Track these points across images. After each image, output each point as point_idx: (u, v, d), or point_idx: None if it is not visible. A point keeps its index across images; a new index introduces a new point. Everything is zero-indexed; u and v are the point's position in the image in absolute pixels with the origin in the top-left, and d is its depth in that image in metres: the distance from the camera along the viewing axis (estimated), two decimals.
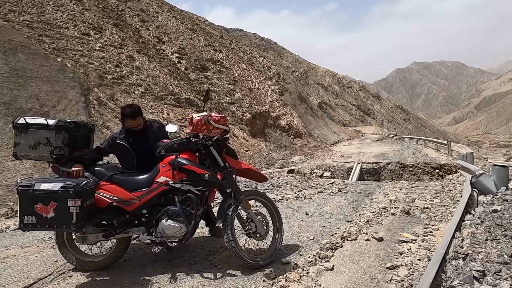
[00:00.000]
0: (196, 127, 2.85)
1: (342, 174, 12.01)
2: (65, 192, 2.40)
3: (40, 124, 2.70)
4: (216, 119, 2.91)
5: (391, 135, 38.28)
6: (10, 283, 2.77)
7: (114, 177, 2.84)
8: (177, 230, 2.76)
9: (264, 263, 2.92)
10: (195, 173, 2.78)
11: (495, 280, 2.37)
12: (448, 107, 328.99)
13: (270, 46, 77.94)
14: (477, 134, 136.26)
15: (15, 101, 8.99)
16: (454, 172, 10.05)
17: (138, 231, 2.87)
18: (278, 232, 3.15)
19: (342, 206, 5.23)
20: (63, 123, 2.76)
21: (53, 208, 2.41)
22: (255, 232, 2.97)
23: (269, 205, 3.18)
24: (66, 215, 2.41)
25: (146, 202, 2.81)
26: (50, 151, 2.68)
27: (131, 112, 3.04)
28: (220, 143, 2.93)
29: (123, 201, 2.77)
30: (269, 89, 32.22)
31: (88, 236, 2.80)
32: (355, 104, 73.14)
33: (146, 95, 18.32)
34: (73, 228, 2.44)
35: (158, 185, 2.82)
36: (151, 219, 2.86)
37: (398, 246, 3.39)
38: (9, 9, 18.12)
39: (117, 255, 2.96)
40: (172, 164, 2.80)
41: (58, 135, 2.69)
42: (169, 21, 33.13)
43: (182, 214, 2.76)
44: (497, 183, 5.06)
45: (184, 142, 2.91)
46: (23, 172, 7.41)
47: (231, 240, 2.79)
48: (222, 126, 2.94)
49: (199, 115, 2.89)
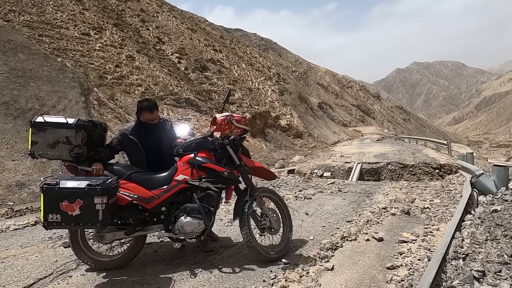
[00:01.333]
0: (219, 126, 2.97)
1: (342, 174, 12.01)
2: (92, 190, 2.42)
3: (59, 122, 2.71)
4: (238, 119, 3.06)
5: (391, 135, 38.26)
6: (10, 283, 2.77)
7: (133, 176, 2.89)
8: (196, 227, 2.83)
9: (278, 256, 3.06)
10: (214, 171, 2.89)
11: (495, 280, 2.37)
12: (448, 107, 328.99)
13: (270, 46, 77.91)
14: (477, 134, 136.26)
15: (15, 101, 8.99)
16: (454, 172, 10.04)
17: (156, 229, 2.91)
18: (288, 227, 3.29)
19: (342, 206, 5.23)
20: (82, 122, 2.78)
21: (79, 205, 2.42)
22: (269, 227, 3.10)
23: (279, 202, 3.32)
24: (93, 212, 2.42)
25: (165, 199, 2.87)
26: (70, 149, 2.69)
27: (149, 105, 3.09)
28: (236, 143, 3.04)
29: (143, 199, 2.81)
30: (269, 89, 32.23)
31: (105, 235, 2.81)
32: (355, 104, 73.12)
33: (146, 95, 18.30)
34: (98, 225, 2.46)
35: (177, 183, 2.89)
36: (170, 217, 2.92)
37: (398, 246, 3.39)
38: (9, 9, 18.11)
39: (133, 254, 2.98)
40: (190, 162, 2.89)
41: (78, 134, 2.70)
42: (169, 21, 33.12)
43: (202, 211, 2.84)
44: (497, 183, 5.06)
45: (202, 141, 3.02)
46: (23, 172, 7.41)
47: (249, 235, 2.90)
48: (243, 126, 3.10)
49: (222, 115, 3.02)
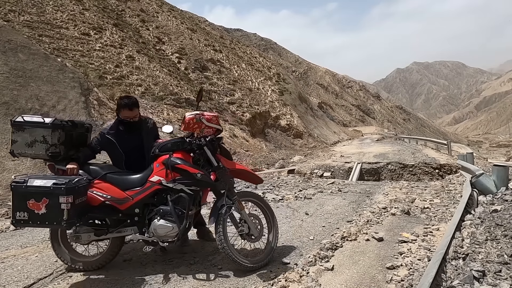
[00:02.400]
0: (188, 125, 2.84)
1: (342, 174, 12.00)
2: (57, 189, 2.41)
3: (37, 122, 2.72)
4: (208, 118, 2.89)
5: (391, 135, 38.25)
6: (10, 283, 2.77)
7: (108, 176, 2.84)
8: (169, 230, 2.73)
9: (258, 265, 2.86)
10: (187, 172, 2.76)
11: (495, 280, 2.37)
12: (448, 107, 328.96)
13: (270, 46, 77.90)
14: (477, 134, 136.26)
15: (15, 101, 9.00)
16: (454, 172, 10.04)
17: (130, 231, 2.84)
18: (273, 234, 3.09)
19: (342, 206, 5.23)
20: (59, 122, 2.77)
21: (45, 204, 2.41)
22: (248, 233, 2.92)
23: (264, 207, 3.12)
24: (58, 211, 2.41)
25: (138, 201, 2.80)
26: (46, 149, 2.70)
27: (129, 103, 3.02)
28: (214, 143, 2.91)
29: (116, 199, 2.76)
30: (269, 89, 32.23)
31: (81, 236, 2.79)
32: (355, 104, 73.12)
33: (146, 95, 18.32)
34: (64, 225, 2.44)
35: (151, 184, 2.80)
36: (144, 219, 2.84)
37: (398, 246, 3.39)
38: (9, 9, 18.11)
39: (111, 255, 2.95)
40: (165, 163, 2.79)
41: (54, 133, 2.71)
42: (169, 21, 33.12)
43: (174, 214, 2.73)
44: (497, 183, 5.06)
45: (178, 141, 2.90)
46: (23, 171, 7.41)
47: (223, 241, 2.75)
48: (214, 125, 2.92)
49: (191, 113, 2.87)
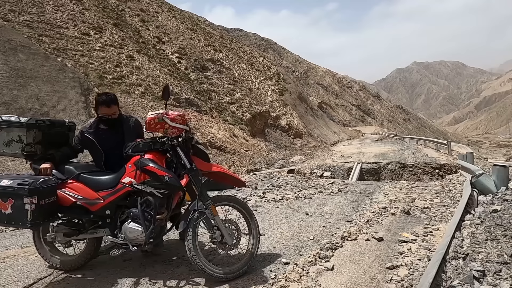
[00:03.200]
0: (149, 125, 2.65)
1: (342, 174, 12.01)
2: (20, 189, 2.41)
3: (13, 121, 2.75)
4: (172, 117, 2.68)
5: (391, 135, 38.26)
6: (10, 283, 2.77)
7: (81, 176, 2.80)
8: (139, 234, 2.63)
9: (233, 276, 2.67)
10: (156, 174, 2.61)
11: (495, 280, 2.37)
12: (448, 107, 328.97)
13: (270, 46, 77.88)
14: (477, 134, 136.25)
15: (15, 101, 9.00)
16: (454, 172, 10.04)
17: (102, 232, 2.80)
18: (252, 241, 2.88)
19: (342, 206, 5.23)
20: (34, 121, 2.77)
21: (11, 204, 2.42)
22: (221, 241, 2.72)
23: (244, 212, 2.92)
24: (22, 212, 2.41)
25: (110, 202, 2.73)
26: (21, 148, 2.72)
27: (106, 99, 2.96)
28: (187, 143, 2.76)
29: (87, 200, 2.71)
30: (269, 89, 32.23)
31: (57, 235, 2.78)
32: (355, 104, 73.11)
33: (146, 95, 18.32)
34: (28, 225, 2.44)
35: (123, 186, 2.71)
36: (116, 221, 2.77)
37: (398, 246, 3.39)
38: (9, 9, 18.11)
39: (87, 255, 2.95)
40: (136, 164, 2.68)
41: (29, 133, 2.72)
42: (169, 21, 33.12)
43: (142, 217, 2.63)
44: (497, 183, 5.06)
45: (150, 142, 2.76)
46: (23, 172, 7.41)
47: (192, 250, 2.58)
48: (179, 125, 2.70)
49: (153, 113, 2.68)
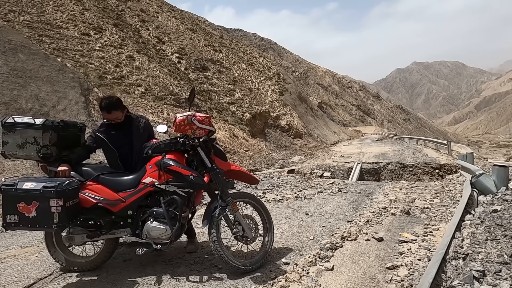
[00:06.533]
0: (179, 127, 2.77)
1: (342, 174, 12.02)
2: (46, 192, 2.38)
3: (27, 123, 2.69)
4: (200, 119, 2.82)
5: (391, 135, 38.26)
6: (10, 283, 2.76)
7: (101, 177, 2.81)
8: (163, 232, 2.70)
9: (252, 268, 2.84)
10: (180, 174, 2.70)
11: (495, 280, 2.37)
12: (448, 107, 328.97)
13: (270, 46, 77.93)
14: (477, 134, 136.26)
15: (15, 101, 9.00)
16: (454, 172, 10.04)
17: (124, 232, 2.82)
18: (268, 235, 3.06)
19: (342, 206, 5.23)
20: (50, 123, 2.74)
21: (35, 207, 2.40)
22: (242, 235, 2.89)
23: (260, 208, 3.09)
24: (48, 214, 2.39)
25: (131, 203, 2.76)
26: (37, 150, 2.68)
27: (106, 105, 2.95)
28: (207, 144, 2.86)
29: (108, 201, 2.72)
30: (269, 89, 32.23)
31: (75, 237, 2.78)
32: (355, 104, 73.13)
33: (146, 95, 18.32)
34: (54, 228, 2.43)
35: (144, 186, 2.76)
36: (137, 221, 2.80)
37: (398, 246, 3.39)
38: (9, 9, 18.12)
39: (105, 256, 2.95)
40: (158, 165, 2.73)
41: (45, 135, 2.68)
42: (169, 21, 33.13)
43: (167, 216, 2.69)
44: (497, 183, 5.05)
45: (171, 142, 2.83)
46: (23, 172, 7.41)
47: (216, 244, 2.71)
48: (206, 127, 2.85)
49: (182, 114, 2.80)
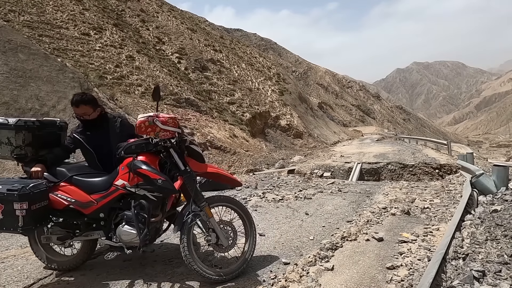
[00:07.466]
0: (139, 129, 2.58)
1: (342, 174, 12.02)
2: (10, 195, 2.35)
3: (1, 123, 2.66)
4: (163, 120, 2.58)
5: (391, 135, 38.26)
6: (10, 283, 2.76)
7: (74, 178, 2.73)
8: (134, 237, 2.56)
9: (229, 278, 2.67)
10: (148, 177, 2.53)
11: (495, 280, 2.37)
12: (448, 107, 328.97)
13: (270, 46, 77.93)
14: (477, 134, 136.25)
15: (15, 101, 9.00)
16: (454, 172, 10.04)
17: (97, 235, 2.74)
18: (249, 242, 2.88)
19: (342, 206, 5.23)
20: (23, 123, 2.68)
21: (1, 210, 2.37)
22: (217, 243, 2.71)
23: (241, 212, 2.89)
24: (13, 217, 2.36)
25: (103, 205, 2.67)
26: (11, 150, 2.65)
27: (75, 99, 2.86)
28: (180, 145, 2.70)
29: (80, 203, 2.66)
30: (269, 89, 32.24)
31: (52, 237, 2.75)
32: (355, 104, 73.12)
33: (146, 95, 18.31)
34: (20, 231, 2.41)
35: (116, 188, 2.64)
36: (110, 223, 2.72)
37: (398, 246, 3.39)
38: (9, 9, 18.12)
39: (83, 257, 2.94)
40: (129, 166, 2.60)
41: (18, 135, 2.64)
42: (169, 21, 33.14)
43: (136, 220, 2.54)
44: (497, 183, 5.06)
45: (143, 143, 2.65)
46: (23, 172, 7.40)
47: (186, 252, 2.56)
48: (171, 128, 2.61)
49: (143, 115, 2.60)
